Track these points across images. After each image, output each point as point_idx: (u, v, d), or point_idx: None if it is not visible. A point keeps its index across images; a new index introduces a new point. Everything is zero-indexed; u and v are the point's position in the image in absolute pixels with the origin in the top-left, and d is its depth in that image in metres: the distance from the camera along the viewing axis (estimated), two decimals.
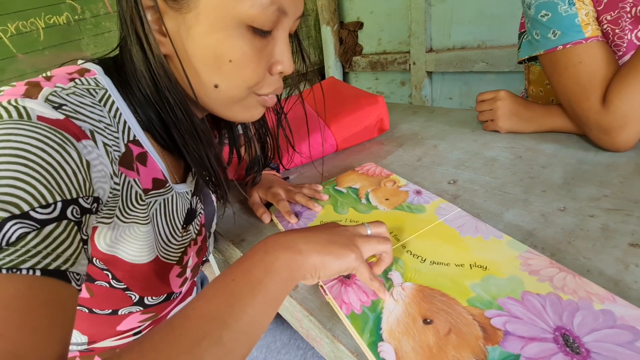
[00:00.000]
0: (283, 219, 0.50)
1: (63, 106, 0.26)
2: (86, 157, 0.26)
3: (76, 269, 0.23)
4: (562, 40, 0.53)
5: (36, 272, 0.20)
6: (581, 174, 0.49)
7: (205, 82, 0.33)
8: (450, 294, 0.32)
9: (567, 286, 0.30)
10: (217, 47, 0.31)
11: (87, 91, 0.30)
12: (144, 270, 0.36)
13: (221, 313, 0.25)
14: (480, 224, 0.40)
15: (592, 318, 0.27)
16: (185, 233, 0.42)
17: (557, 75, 0.55)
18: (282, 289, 0.29)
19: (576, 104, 0.53)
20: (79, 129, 0.26)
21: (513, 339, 0.27)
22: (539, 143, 0.59)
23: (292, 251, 0.30)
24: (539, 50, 0.56)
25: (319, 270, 0.31)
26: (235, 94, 0.34)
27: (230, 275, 0.28)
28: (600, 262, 0.35)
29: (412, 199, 0.48)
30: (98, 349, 0.41)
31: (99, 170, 0.27)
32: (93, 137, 0.27)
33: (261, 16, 0.30)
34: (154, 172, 0.36)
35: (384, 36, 1.69)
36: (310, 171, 0.67)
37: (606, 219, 0.40)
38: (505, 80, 1.34)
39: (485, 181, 0.52)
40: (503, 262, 0.34)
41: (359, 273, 0.33)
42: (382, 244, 0.35)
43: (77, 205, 0.24)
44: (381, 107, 0.73)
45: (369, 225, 0.36)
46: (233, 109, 0.36)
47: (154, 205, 0.36)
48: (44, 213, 0.22)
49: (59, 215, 0.22)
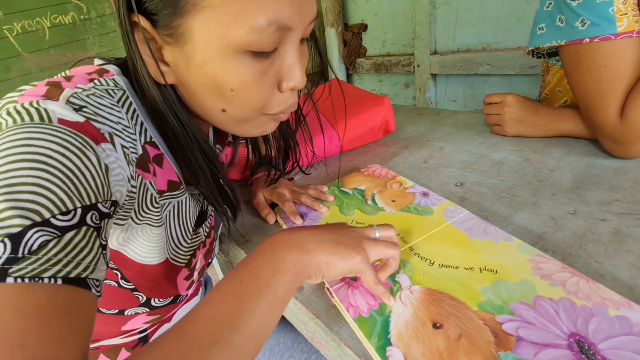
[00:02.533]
0: (288, 219, 0.49)
1: (83, 108, 0.26)
2: (105, 160, 0.26)
3: (96, 275, 0.23)
4: (590, 32, 0.46)
5: (57, 280, 0.20)
6: (591, 177, 0.48)
7: (213, 107, 0.32)
8: (460, 298, 0.31)
9: (580, 291, 0.30)
10: (217, 77, 0.29)
11: (106, 92, 0.30)
12: (153, 271, 0.36)
13: (230, 317, 0.25)
14: (489, 226, 0.40)
15: (607, 324, 0.27)
16: (195, 236, 0.41)
17: (578, 75, 0.50)
18: (289, 289, 0.28)
19: (593, 111, 0.50)
20: (98, 132, 0.26)
21: (526, 345, 0.26)
22: (546, 146, 0.59)
23: (300, 250, 0.30)
24: (561, 40, 0.49)
25: (323, 270, 0.30)
26: (243, 116, 0.33)
27: (237, 276, 0.27)
28: (613, 267, 0.34)
29: (419, 200, 0.47)
30: (103, 346, 0.41)
31: (117, 173, 0.27)
32: (112, 139, 0.27)
33: (259, 41, 0.28)
34: (169, 174, 0.36)
35: (388, 38, 1.69)
36: (315, 172, 0.67)
37: (618, 223, 0.39)
38: (510, 83, 1.33)
39: (493, 184, 0.51)
40: (514, 266, 0.34)
41: (364, 276, 0.32)
42: (389, 249, 0.34)
43: (97, 211, 0.24)
44: (387, 108, 0.73)
45: (378, 228, 0.35)
46: (244, 127, 0.35)
47: (167, 207, 0.36)
48: (65, 220, 0.21)
49: (78, 222, 0.22)
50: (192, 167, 0.35)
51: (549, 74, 0.64)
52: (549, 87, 0.65)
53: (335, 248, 0.31)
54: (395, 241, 0.35)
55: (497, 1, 1.25)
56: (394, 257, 0.34)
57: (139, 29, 0.29)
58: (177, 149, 0.34)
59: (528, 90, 1.26)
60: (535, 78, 1.23)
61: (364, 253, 0.32)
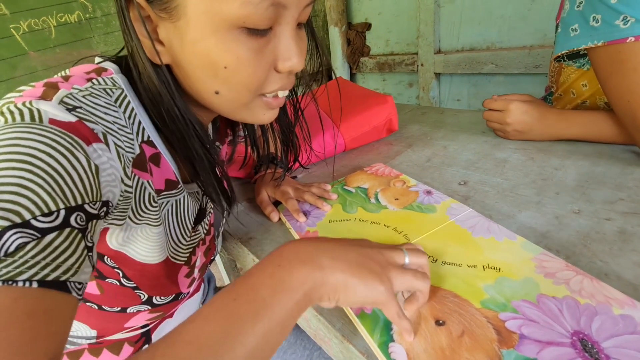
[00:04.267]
0: (291, 217, 0.49)
1: (77, 108, 0.26)
2: (95, 161, 0.25)
3: (78, 278, 0.22)
4: (636, 30, 0.42)
5: (33, 283, 0.19)
6: (595, 176, 0.48)
7: (207, 89, 0.32)
8: (462, 295, 0.31)
9: (584, 290, 0.30)
10: (210, 54, 0.29)
11: (104, 91, 0.30)
12: (154, 270, 0.36)
13: (213, 341, 0.21)
14: (492, 224, 0.40)
15: (611, 323, 0.27)
16: (194, 233, 0.41)
17: (620, 77, 0.45)
18: (293, 312, 0.24)
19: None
20: (91, 131, 0.26)
21: (529, 342, 0.26)
22: (551, 145, 0.58)
23: (312, 266, 0.26)
24: (598, 41, 0.45)
25: (340, 293, 0.26)
26: (237, 99, 0.32)
27: (232, 292, 0.24)
28: (618, 266, 0.34)
29: (423, 198, 0.47)
30: (107, 341, 0.42)
31: (109, 174, 0.27)
32: (105, 139, 0.27)
33: (253, 16, 0.27)
34: (166, 173, 0.35)
35: (392, 37, 1.68)
36: (318, 170, 0.67)
37: (623, 223, 0.39)
38: (514, 82, 1.32)
39: (497, 182, 0.51)
40: (517, 264, 0.34)
41: (386, 309, 0.28)
42: (418, 280, 0.29)
43: (83, 212, 0.23)
44: (390, 107, 0.72)
45: (408, 252, 0.31)
46: (240, 113, 0.35)
47: (165, 206, 0.36)
48: (46, 221, 0.21)
49: (61, 223, 0.22)
50: (188, 154, 0.35)
51: (562, 75, 0.61)
52: (562, 87, 0.62)
53: (358, 270, 0.27)
54: (425, 270, 0.31)
55: (502, 0, 1.24)
56: (422, 290, 0.29)
57: (134, 6, 0.29)
58: (173, 135, 0.34)
59: (532, 89, 1.26)
60: (540, 77, 1.22)
61: (389, 283, 0.27)
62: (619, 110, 0.48)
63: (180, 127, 0.33)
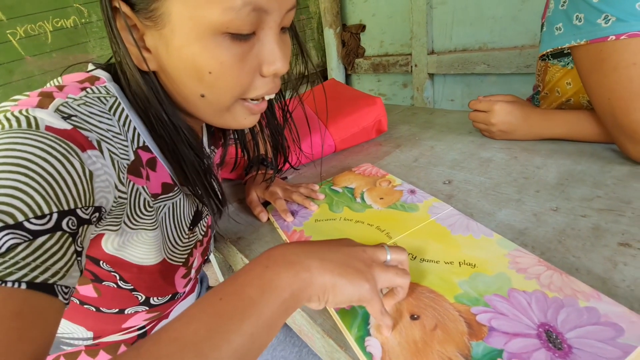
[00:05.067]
0: (279, 217, 0.50)
1: (72, 117, 0.27)
2: (90, 167, 0.26)
3: (65, 282, 0.22)
4: (616, 29, 0.43)
5: (22, 285, 0.20)
6: (575, 174, 0.49)
7: (192, 92, 0.33)
8: (438, 291, 0.33)
9: (553, 284, 0.31)
10: (195, 60, 0.30)
11: (97, 99, 0.31)
12: (150, 271, 0.37)
13: (198, 339, 0.21)
14: (471, 222, 0.41)
15: (576, 315, 0.28)
16: (192, 235, 0.42)
17: (601, 75, 0.46)
18: (280, 312, 0.24)
19: (622, 113, 0.45)
20: (86, 139, 0.27)
21: (497, 334, 0.27)
22: (535, 144, 0.60)
23: (299, 267, 0.26)
24: (581, 40, 0.46)
25: (328, 293, 0.27)
26: (220, 102, 0.33)
27: (219, 292, 0.24)
28: (590, 261, 0.35)
29: (406, 197, 0.48)
30: (103, 343, 0.42)
31: (103, 180, 0.27)
32: (100, 146, 0.28)
33: (236, 21, 0.28)
34: (163, 176, 0.36)
35: (386, 38, 1.70)
36: (308, 171, 0.68)
37: (598, 219, 0.40)
38: (506, 82, 1.33)
39: (480, 181, 0.52)
40: (492, 260, 0.35)
41: (370, 306, 0.28)
42: (399, 277, 0.30)
43: (74, 216, 0.24)
44: (379, 108, 0.74)
45: (390, 249, 0.32)
46: (222, 118, 0.35)
47: (162, 209, 0.36)
48: (38, 224, 0.21)
49: (53, 227, 0.22)
50: (178, 158, 0.35)
51: (548, 74, 0.62)
52: (548, 86, 0.63)
53: (345, 270, 0.27)
54: (405, 267, 0.32)
55: (493, 1, 1.25)
56: (402, 286, 0.31)
57: (120, 16, 0.30)
58: (162, 139, 0.34)
59: (524, 88, 1.27)
60: (531, 77, 1.24)
61: (373, 281, 0.28)
62: (599, 108, 0.49)
63: (169, 131, 0.34)
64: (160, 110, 0.33)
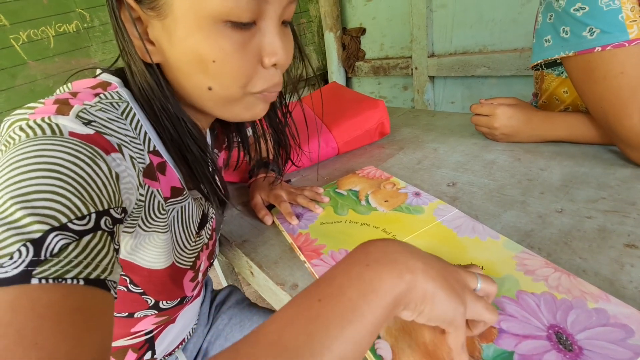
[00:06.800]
0: (284, 220, 0.50)
1: (92, 122, 0.27)
2: (115, 169, 0.27)
3: (113, 277, 0.23)
4: (601, 41, 0.44)
5: (80, 281, 0.21)
6: (579, 176, 0.49)
7: (199, 85, 0.33)
8: None
9: (561, 285, 0.31)
10: (198, 49, 0.30)
11: (111, 105, 0.31)
12: (160, 275, 0.37)
13: (298, 344, 0.20)
14: (477, 224, 0.41)
15: (585, 316, 0.28)
16: (198, 238, 0.42)
17: (592, 84, 0.47)
18: (382, 317, 0.22)
19: (615, 120, 0.47)
20: (109, 142, 0.27)
21: (507, 336, 0.28)
22: (538, 146, 0.60)
23: (403, 268, 0.23)
24: (569, 51, 0.48)
25: (427, 303, 0.24)
26: (229, 94, 0.33)
27: (316, 293, 0.22)
28: (596, 262, 0.35)
29: (411, 200, 0.48)
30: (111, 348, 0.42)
31: (127, 182, 0.28)
32: (121, 150, 0.28)
33: (236, 9, 0.28)
34: (172, 180, 0.37)
35: (386, 41, 1.71)
36: (312, 174, 0.68)
37: (603, 221, 0.40)
38: (507, 84, 1.34)
39: (484, 183, 0.52)
40: (499, 262, 0.35)
41: (455, 335, 0.25)
42: (489, 313, 0.26)
43: (109, 216, 0.24)
44: (382, 111, 0.74)
45: (481, 278, 0.28)
46: (233, 109, 0.35)
47: (172, 213, 0.37)
48: (81, 224, 0.22)
49: (94, 226, 0.23)
50: (183, 152, 0.36)
51: (544, 82, 0.63)
52: (545, 95, 0.64)
53: (446, 283, 0.24)
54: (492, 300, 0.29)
55: (493, 4, 1.26)
56: (488, 324, 0.27)
57: (124, 8, 0.30)
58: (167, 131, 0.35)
59: (524, 91, 1.27)
60: (531, 79, 1.24)
61: (465, 306, 0.25)
62: (594, 114, 0.51)
63: (174, 123, 0.35)
64: (165, 101, 0.34)
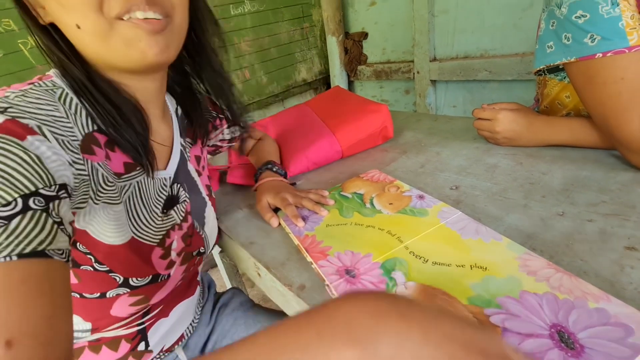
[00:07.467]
0: (291, 222, 0.51)
1: (8, 109, 0.29)
2: (35, 151, 0.28)
3: (55, 246, 0.26)
4: (602, 47, 0.46)
5: (12, 257, 0.24)
6: (580, 180, 0.50)
7: (70, 27, 0.34)
8: (451, 293, 0.33)
9: (563, 286, 0.32)
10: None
11: (45, 91, 0.33)
12: (122, 251, 0.38)
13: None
14: (480, 227, 0.42)
15: (586, 316, 0.29)
16: (167, 218, 0.45)
17: (593, 90, 0.49)
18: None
19: (615, 125, 0.48)
20: (25, 126, 0.28)
21: (511, 335, 0.28)
22: (539, 150, 0.61)
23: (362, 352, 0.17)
24: (570, 57, 0.49)
25: None
26: (94, 26, 0.33)
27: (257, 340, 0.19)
28: (597, 264, 0.36)
29: (415, 203, 0.49)
30: (104, 338, 0.44)
31: (54, 160, 0.29)
32: (41, 131, 0.29)
33: None
34: (123, 156, 0.39)
35: (388, 46, 1.72)
36: (316, 177, 0.69)
37: (604, 224, 0.41)
38: (508, 88, 1.35)
39: (487, 187, 0.53)
40: (502, 263, 0.36)
41: None
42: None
43: (39, 196, 0.27)
44: (385, 115, 0.75)
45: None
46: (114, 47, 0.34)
47: (129, 188, 0.40)
48: (7, 210, 0.25)
49: (22, 209, 0.25)
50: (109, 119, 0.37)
51: (547, 87, 0.64)
52: (547, 99, 0.65)
53: None
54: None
55: (494, 9, 1.28)
56: None
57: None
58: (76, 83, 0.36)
59: (526, 95, 1.29)
60: (532, 83, 1.26)
61: None
62: (595, 118, 0.52)
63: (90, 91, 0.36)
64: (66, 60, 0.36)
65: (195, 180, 0.53)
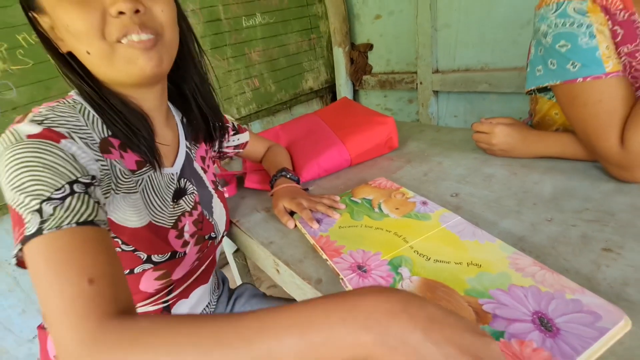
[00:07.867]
0: (306, 224, 0.57)
1: (44, 121, 0.36)
2: (69, 151, 0.35)
3: (99, 218, 0.34)
4: (582, 73, 0.52)
5: (72, 225, 0.31)
6: (568, 189, 0.56)
7: (82, 54, 0.40)
8: (450, 286, 0.39)
9: (546, 281, 0.37)
10: (58, 19, 0.38)
11: (67, 107, 0.41)
12: (143, 233, 0.45)
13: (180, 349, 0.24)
14: (477, 230, 0.47)
15: (563, 305, 0.34)
16: (177, 205, 0.52)
17: (575, 110, 0.55)
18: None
19: (595, 142, 0.54)
20: (58, 133, 0.36)
21: (500, 320, 0.34)
22: (533, 161, 0.66)
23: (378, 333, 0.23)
24: (556, 81, 0.56)
25: None
26: (99, 50, 0.39)
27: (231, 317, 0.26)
28: (578, 263, 0.41)
29: (419, 208, 0.55)
30: None
31: (83, 157, 0.37)
32: (71, 136, 0.37)
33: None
34: (134, 156, 0.46)
35: (392, 57, 1.79)
36: (327, 183, 0.75)
37: (585, 228, 0.46)
38: (507, 100, 1.41)
39: (484, 194, 0.59)
40: (495, 261, 0.41)
41: None
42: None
43: (79, 183, 0.34)
44: (391, 126, 0.81)
45: None
46: (118, 66, 0.41)
47: (143, 181, 0.47)
48: (60, 193, 0.32)
49: (70, 191, 0.33)
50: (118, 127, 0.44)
51: (538, 104, 0.70)
52: (538, 115, 0.71)
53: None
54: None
55: (494, 25, 1.34)
56: None
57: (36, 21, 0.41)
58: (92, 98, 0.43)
59: (524, 107, 1.34)
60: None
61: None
62: (579, 134, 0.58)
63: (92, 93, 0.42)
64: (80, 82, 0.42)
65: (202, 176, 0.60)
